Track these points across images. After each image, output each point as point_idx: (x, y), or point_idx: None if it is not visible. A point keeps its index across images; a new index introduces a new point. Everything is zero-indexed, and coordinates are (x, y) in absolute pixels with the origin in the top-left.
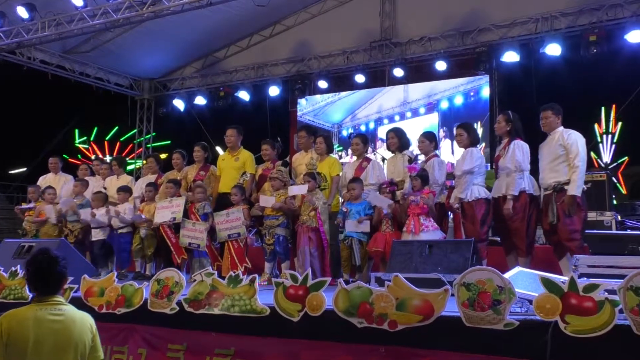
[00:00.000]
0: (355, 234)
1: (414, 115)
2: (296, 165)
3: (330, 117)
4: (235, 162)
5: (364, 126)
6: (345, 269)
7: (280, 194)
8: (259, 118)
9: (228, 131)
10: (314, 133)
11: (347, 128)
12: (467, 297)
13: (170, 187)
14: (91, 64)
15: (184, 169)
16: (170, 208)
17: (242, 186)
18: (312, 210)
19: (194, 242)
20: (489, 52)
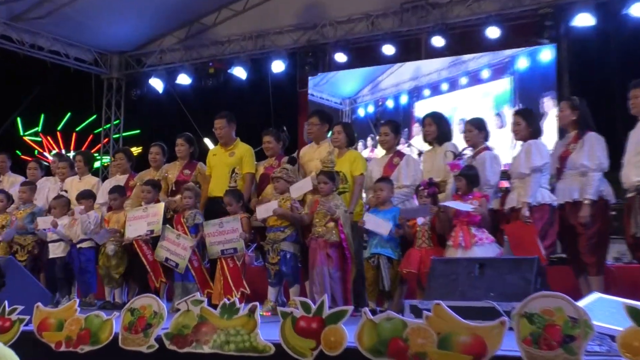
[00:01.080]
0: (384, 250)
1: (474, 83)
2: (305, 161)
3: (339, 89)
4: (230, 159)
5: (391, 101)
6: (370, 296)
7: (285, 198)
8: (260, 102)
9: (216, 122)
10: (329, 120)
11: (364, 105)
12: (529, 331)
13: (147, 191)
14: (45, 34)
15: (163, 167)
16: (146, 218)
17: (238, 190)
18: (330, 220)
19: (171, 259)
20: (555, 14)
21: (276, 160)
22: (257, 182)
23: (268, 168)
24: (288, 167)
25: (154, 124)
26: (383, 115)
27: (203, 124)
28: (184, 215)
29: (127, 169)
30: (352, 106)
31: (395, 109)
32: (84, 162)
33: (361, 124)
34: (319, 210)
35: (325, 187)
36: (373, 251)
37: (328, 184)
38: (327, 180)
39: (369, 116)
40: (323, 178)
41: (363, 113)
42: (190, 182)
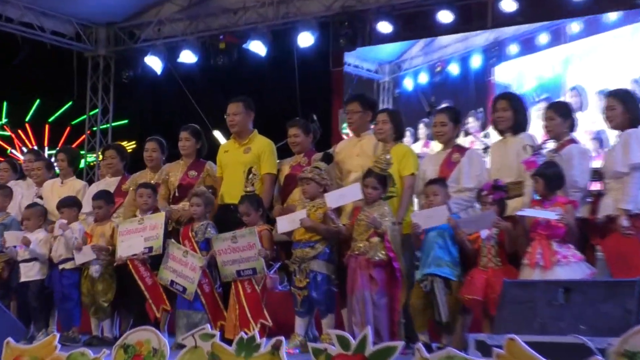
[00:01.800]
0: (440, 270)
1: (594, 29)
2: (342, 158)
3: (374, 50)
4: (245, 156)
5: (456, 65)
6: (420, 327)
7: (316, 205)
8: (283, 84)
9: (230, 107)
10: (372, 106)
11: (413, 72)
12: None
13: (146, 196)
14: (14, 2)
15: (163, 167)
16: (142, 232)
17: (256, 196)
18: (373, 234)
19: (178, 283)
20: None
21: (305, 157)
22: (281, 185)
23: (295, 167)
24: (321, 166)
25: (151, 114)
26: (441, 90)
27: (212, 113)
28: (192, 227)
29: (120, 169)
30: (394, 75)
31: (463, 77)
32: (68, 161)
33: (409, 102)
34: (359, 220)
35: (373, 193)
36: (426, 272)
37: (378, 189)
38: (377, 185)
39: (421, 89)
40: (372, 182)
41: (411, 85)
42: (201, 187)
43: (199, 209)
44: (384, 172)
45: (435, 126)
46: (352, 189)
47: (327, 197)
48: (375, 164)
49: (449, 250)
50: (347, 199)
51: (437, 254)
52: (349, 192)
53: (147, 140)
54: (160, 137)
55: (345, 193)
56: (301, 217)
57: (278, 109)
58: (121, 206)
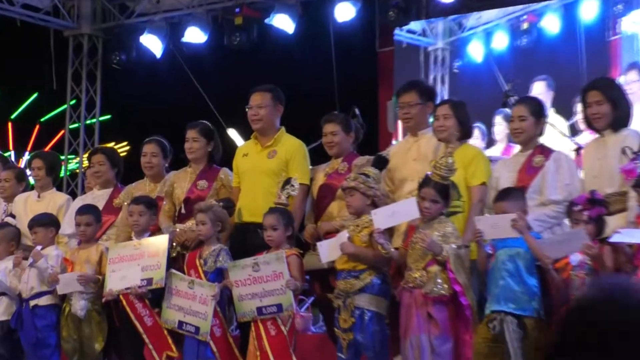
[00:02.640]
0: (515, 305)
1: None
2: (395, 163)
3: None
4: (270, 161)
5: (554, 17)
6: None
7: (363, 223)
8: (316, 70)
9: (254, 97)
10: (431, 97)
11: (484, 34)
12: None
13: (138, 214)
14: None
15: (166, 176)
16: (139, 259)
17: (286, 211)
18: (432, 262)
19: (188, 323)
20: None
21: (345, 162)
22: (314, 198)
23: (332, 175)
24: (370, 173)
25: (149, 108)
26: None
27: (226, 106)
28: (200, 253)
29: (110, 179)
30: (452, 39)
31: (566, 37)
32: (45, 169)
33: (476, 82)
34: (414, 243)
35: (432, 208)
36: (495, 308)
37: (437, 203)
38: (436, 197)
39: (497, 60)
40: (430, 193)
41: (481, 53)
42: (210, 201)
43: (205, 228)
44: (445, 180)
45: (512, 121)
46: (406, 204)
47: (374, 215)
48: (434, 170)
49: (523, 280)
50: (400, 217)
51: (507, 284)
52: (402, 209)
53: (144, 142)
54: (161, 138)
55: (397, 210)
56: (342, 239)
57: (310, 101)
58: (112, 226)
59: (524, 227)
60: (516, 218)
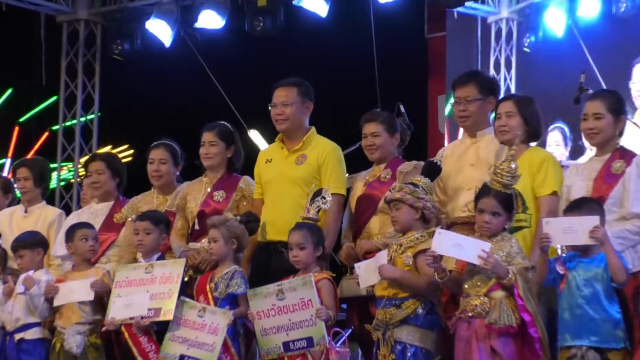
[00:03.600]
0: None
1: None
2: (449, 169)
3: None
4: (299, 168)
5: None
6: None
7: (407, 242)
8: (353, 59)
9: (278, 93)
10: (491, 89)
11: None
12: None
13: (142, 233)
14: None
15: (178, 187)
16: (150, 285)
17: (317, 227)
18: (496, 286)
19: (192, 356)
20: None
21: (388, 168)
22: (352, 212)
23: (373, 184)
24: (419, 182)
25: (156, 106)
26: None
27: (247, 104)
28: (212, 277)
29: (111, 190)
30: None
31: None
32: (34, 178)
33: (554, 67)
34: (471, 264)
35: (493, 222)
36: (573, 343)
37: (500, 216)
38: (498, 208)
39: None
40: (491, 204)
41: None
42: (226, 215)
43: (217, 246)
44: (508, 188)
45: (585, 119)
46: (479, 246)
47: (437, 235)
48: (494, 177)
49: (603, 306)
50: (465, 253)
51: (585, 313)
52: (471, 247)
53: (151, 147)
54: (171, 142)
55: (465, 245)
56: (382, 261)
57: (346, 97)
58: (113, 245)
59: (605, 236)
60: (598, 224)
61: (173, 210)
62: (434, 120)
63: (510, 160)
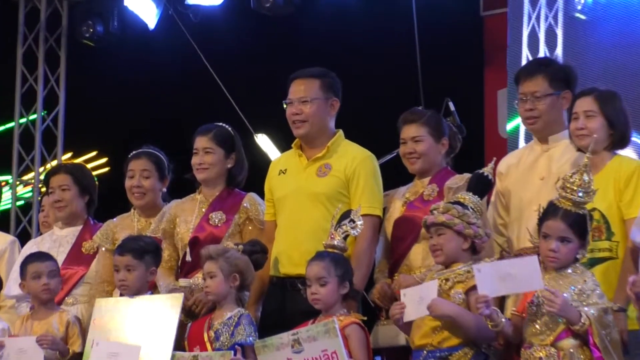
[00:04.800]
0: None
1: None
2: (511, 184)
3: None
4: (321, 181)
5: None
6: None
7: (455, 276)
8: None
9: (295, 86)
10: (567, 82)
11: None
12: None
13: (123, 270)
14: None
15: (165, 207)
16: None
17: (342, 256)
18: (566, 333)
19: None
20: None
21: (434, 183)
22: (388, 238)
23: (414, 203)
24: (467, 200)
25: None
26: None
27: (254, 102)
28: (210, 323)
29: (78, 211)
30: None
31: None
32: None
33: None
34: (534, 305)
35: (562, 250)
36: None
37: (570, 243)
38: (568, 233)
39: None
40: (559, 228)
41: None
42: (226, 244)
43: (215, 283)
44: (580, 207)
45: None
46: (529, 264)
47: (478, 274)
48: (562, 193)
49: None
50: (519, 284)
51: None
52: (523, 271)
53: (131, 156)
54: (156, 150)
55: (515, 272)
56: (432, 295)
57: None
58: (82, 282)
59: None
60: None
61: (158, 237)
62: (493, 121)
63: (583, 171)
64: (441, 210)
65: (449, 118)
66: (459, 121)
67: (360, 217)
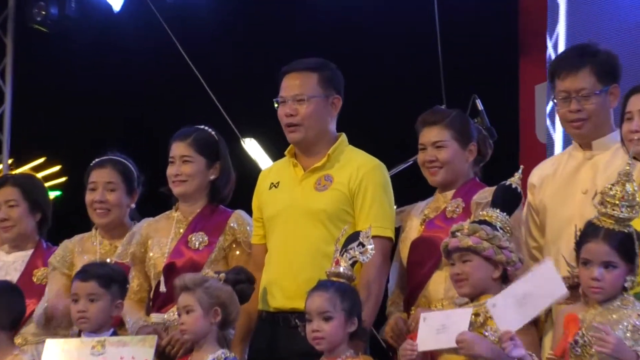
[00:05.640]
0: None
1: None
2: (552, 199)
3: None
4: (321, 195)
5: None
6: None
7: (486, 311)
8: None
9: (288, 81)
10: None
11: None
12: None
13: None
14: None
15: (134, 227)
16: None
17: (349, 286)
18: None
19: None
20: None
21: (459, 197)
22: (404, 264)
23: (434, 222)
24: (495, 219)
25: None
26: None
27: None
28: None
29: (28, 232)
30: None
31: None
32: None
33: None
34: (582, 346)
35: (607, 278)
36: None
37: (617, 268)
38: (612, 257)
39: None
40: (601, 252)
41: None
42: (206, 271)
43: (192, 319)
44: (625, 225)
45: None
46: (546, 272)
47: (492, 308)
48: (601, 209)
49: None
50: (544, 296)
51: None
52: (543, 285)
53: (93, 165)
54: (122, 157)
55: (536, 283)
56: (459, 325)
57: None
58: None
59: None
60: None
61: (126, 263)
62: (530, 122)
63: (624, 181)
64: (467, 232)
65: (477, 119)
66: (489, 123)
67: (371, 241)
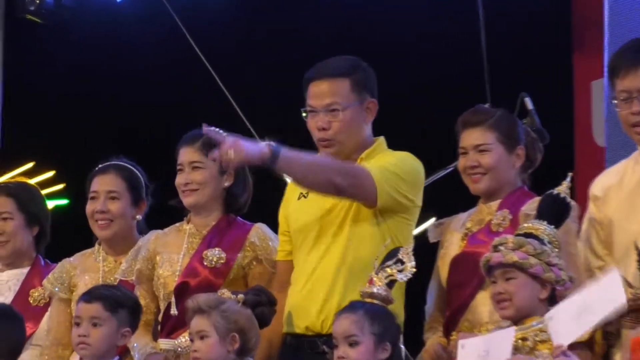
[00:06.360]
0: None
1: None
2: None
3: None
4: None
5: None
6: None
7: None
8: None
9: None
10: None
11: None
12: None
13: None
14: None
15: (140, 240)
16: None
17: (384, 308)
18: None
19: None
20: None
21: (505, 208)
22: (443, 283)
23: (477, 236)
24: (542, 232)
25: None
26: None
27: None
28: None
29: (24, 248)
30: None
31: None
32: None
33: None
34: None
35: None
36: None
37: None
38: None
39: None
40: None
41: None
42: (223, 291)
43: (206, 345)
44: None
45: None
46: (608, 284)
47: (550, 322)
48: None
49: None
50: (604, 305)
51: None
52: (601, 297)
53: (95, 172)
54: (128, 163)
55: (590, 303)
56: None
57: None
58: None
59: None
60: None
61: (131, 281)
62: (586, 123)
63: None
64: (511, 246)
65: (526, 120)
66: (540, 124)
67: (412, 258)
